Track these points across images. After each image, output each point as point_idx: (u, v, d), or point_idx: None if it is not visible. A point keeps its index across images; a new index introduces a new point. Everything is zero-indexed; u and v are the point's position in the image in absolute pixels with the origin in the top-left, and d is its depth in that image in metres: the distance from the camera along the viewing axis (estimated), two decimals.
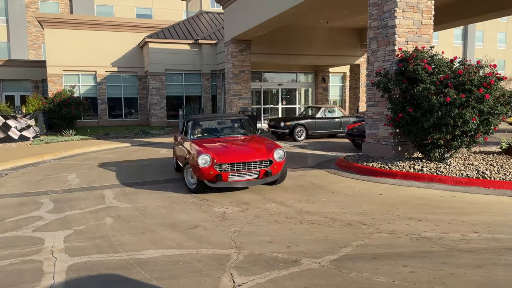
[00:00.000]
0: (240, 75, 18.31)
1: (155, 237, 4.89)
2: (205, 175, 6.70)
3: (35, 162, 11.42)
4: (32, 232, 5.19)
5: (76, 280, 3.75)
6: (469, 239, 4.59)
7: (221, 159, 6.70)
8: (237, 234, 4.91)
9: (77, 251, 4.46)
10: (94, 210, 6.20)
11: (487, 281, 3.53)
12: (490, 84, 7.48)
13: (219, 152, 6.87)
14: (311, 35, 19.72)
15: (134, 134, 18.47)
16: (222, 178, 6.72)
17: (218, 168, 6.68)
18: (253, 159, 6.83)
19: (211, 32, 24.63)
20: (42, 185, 8.21)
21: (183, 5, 35.42)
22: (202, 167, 6.63)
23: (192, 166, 6.94)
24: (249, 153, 6.97)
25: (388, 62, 8.99)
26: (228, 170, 6.73)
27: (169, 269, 3.92)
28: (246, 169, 6.84)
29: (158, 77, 23.61)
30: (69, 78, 24.31)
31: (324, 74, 23.78)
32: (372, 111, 9.69)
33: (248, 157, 6.84)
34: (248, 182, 6.88)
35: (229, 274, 3.77)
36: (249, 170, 6.85)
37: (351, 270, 3.81)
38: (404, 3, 8.80)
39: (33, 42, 33.48)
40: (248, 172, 6.86)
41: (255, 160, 6.84)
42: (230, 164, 6.73)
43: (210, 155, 6.68)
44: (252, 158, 6.84)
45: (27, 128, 16.62)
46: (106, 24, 24.52)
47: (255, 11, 15.31)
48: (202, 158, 6.64)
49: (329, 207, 6.04)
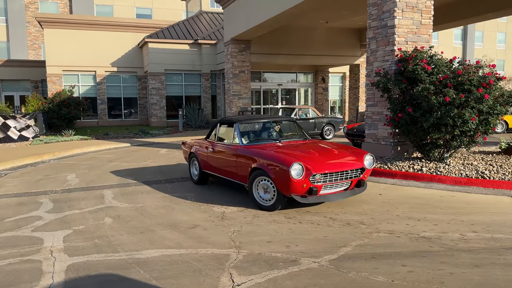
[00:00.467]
0: (240, 75, 18.32)
1: (155, 237, 4.89)
2: (297, 188, 5.49)
3: (34, 162, 11.41)
4: (31, 232, 5.19)
5: (75, 280, 3.75)
6: (468, 238, 4.60)
7: (316, 168, 5.56)
8: (236, 234, 4.92)
9: (76, 251, 4.46)
10: (94, 210, 6.20)
11: (485, 281, 3.54)
12: (489, 84, 7.49)
13: (312, 161, 5.70)
14: (310, 35, 19.73)
15: (133, 134, 18.47)
16: (316, 192, 5.62)
17: (311, 179, 5.56)
18: (347, 167, 5.86)
19: (211, 32, 24.64)
20: (41, 185, 8.21)
21: (183, 5, 35.43)
22: (296, 179, 5.39)
23: (276, 178, 5.59)
24: (343, 161, 5.96)
25: (388, 62, 9.00)
26: (321, 182, 5.65)
27: (168, 269, 3.92)
28: (339, 180, 5.82)
29: (158, 77, 23.61)
30: (68, 78, 24.30)
31: (324, 74, 23.79)
32: (372, 111, 9.70)
33: (342, 166, 5.84)
34: (339, 195, 5.88)
35: (229, 274, 3.77)
36: (341, 181, 5.85)
37: (350, 270, 3.81)
38: (404, 3, 8.81)
39: (33, 42, 33.47)
40: (340, 183, 5.86)
41: (350, 169, 5.88)
42: (324, 174, 5.65)
43: (302, 164, 5.48)
44: (346, 167, 5.85)
45: (26, 128, 16.62)
46: (106, 24, 24.52)
47: (254, 11, 15.31)
48: (295, 168, 5.38)
49: (328, 207, 6.04)
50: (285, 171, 5.44)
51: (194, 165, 8.00)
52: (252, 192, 6.05)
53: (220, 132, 7.44)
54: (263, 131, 7.51)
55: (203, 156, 7.55)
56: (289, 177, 5.40)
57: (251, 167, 6.04)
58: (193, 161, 8.06)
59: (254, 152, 6.18)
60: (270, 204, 5.86)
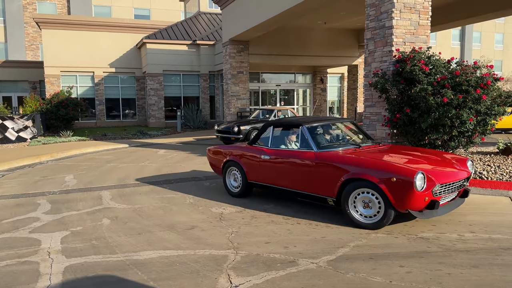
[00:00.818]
0: (238, 75, 18.32)
1: (152, 238, 4.88)
2: (417, 202, 4.81)
3: (32, 163, 11.39)
4: (29, 233, 5.17)
5: (73, 281, 3.74)
6: (466, 239, 4.60)
7: (437, 178, 4.92)
8: (234, 235, 4.91)
9: (74, 252, 4.45)
10: (91, 211, 6.19)
11: (483, 281, 3.54)
12: (487, 85, 7.50)
13: (430, 170, 5.06)
14: (309, 36, 19.75)
15: (132, 135, 18.45)
16: (438, 205, 4.93)
17: (433, 191, 4.91)
18: (461, 176, 5.28)
19: (209, 33, 24.64)
20: (39, 186, 8.19)
21: (181, 6, 35.42)
22: (419, 191, 4.70)
23: (390, 191, 4.78)
24: (454, 169, 5.35)
25: (386, 62, 9.01)
26: (439, 194, 5.02)
27: (166, 270, 3.91)
28: (451, 191, 5.23)
29: (156, 78, 23.59)
30: (66, 79, 24.27)
31: (322, 75, 23.82)
32: (370, 112, 9.70)
33: (456, 175, 5.25)
34: (447, 207, 5.25)
35: (226, 275, 3.76)
36: (453, 192, 5.29)
37: (348, 271, 3.81)
38: (401, 4, 8.82)
39: (31, 43, 33.42)
40: (451, 194, 5.29)
41: (463, 178, 5.32)
42: (444, 185, 5.04)
43: (425, 174, 4.81)
44: (460, 176, 5.28)
45: (24, 129, 16.58)
46: (104, 25, 24.50)
47: (252, 12, 15.32)
48: (420, 178, 4.69)
49: (326, 207, 6.04)
50: (407, 183, 4.66)
51: (233, 176, 6.94)
52: (347, 208, 5.14)
53: (275, 136, 6.45)
54: (330, 134, 6.56)
55: (252, 165, 6.50)
56: (412, 189, 4.64)
57: (344, 179, 5.12)
58: (230, 170, 6.97)
59: (346, 160, 5.28)
60: (374, 221, 4.97)
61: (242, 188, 6.74)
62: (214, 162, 7.43)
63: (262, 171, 6.35)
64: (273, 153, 6.23)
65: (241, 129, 13.54)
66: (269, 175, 6.24)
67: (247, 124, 13.82)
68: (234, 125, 13.74)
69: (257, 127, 13.69)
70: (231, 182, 7.01)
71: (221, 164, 7.14)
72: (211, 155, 7.53)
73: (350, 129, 6.85)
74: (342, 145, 6.07)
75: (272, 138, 6.44)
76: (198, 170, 9.52)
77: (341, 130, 6.76)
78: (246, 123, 13.91)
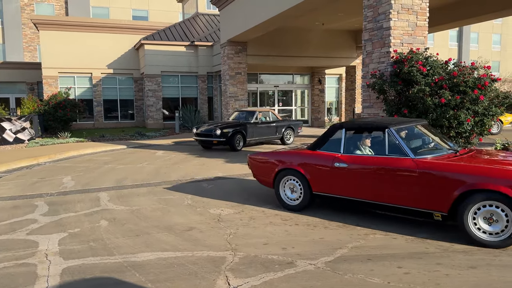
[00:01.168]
0: (236, 76, 18.32)
1: (150, 239, 4.87)
2: None
3: (30, 164, 11.36)
4: (26, 235, 5.15)
5: (70, 283, 3.73)
6: (463, 240, 4.61)
7: None
8: (232, 236, 4.91)
9: (71, 254, 4.44)
10: (89, 213, 6.18)
11: (481, 282, 3.54)
12: (485, 86, 7.53)
13: None
14: (307, 37, 19.77)
15: (130, 136, 18.42)
16: None
17: None
18: None
19: (207, 34, 24.64)
20: (37, 187, 8.17)
21: (179, 7, 35.40)
22: None
23: None
24: None
25: (383, 63, 9.02)
26: None
27: (164, 272, 3.91)
28: None
29: (154, 79, 23.57)
30: (64, 80, 24.22)
31: (320, 76, 23.84)
32: (368, 113, 9.72)
33: None
34: None
35: (224, 277, 3.76)
36: None
37: (346, 272, 3.81)
38: (399, 5, 8.84)
39: (28, 44, 33.36)
40: None
41: None
42: None
43: None
44: None
45: (22, 131, 16.54)
46: (102, 26, 24.47)
47: (250, 13, 15.33)
48: None
49: (324, 209, 6.04)
50: None
51: (290, 186, 6.09)
52: (465, 225, 4.47)
53: (347, 141, 5.66)
54: (417, 137, 5.80)
55: (320, 174, 5.71)
56: None
57: (461, 191, 4.45)
58: (286, 180, 6.12)
59: (459, 168, 4.59)
60: (502, 238, 4.35)
61: (303, 200, 5.92)
62: (261, 171, 6.55)
63: (334, 181, 5.56)
64: (350, 160, 5.44)
65: (224, 131, 12.83)
66: (345, 186, 5.45)
67: (230, 127, 13.09)
68: (216, 128, 12.96)
69: (238, 129, 13.17)
70: (287, 193, 6.13)
71: (273, 174, 6.24)
72: (257, 164, 6.65)
73: (430, 131, 5.92)
74: (437, 150, 5.31)
75: (345, 143, 5.63)
76: (196, 172, 9.52)
77: (423, 132, 5.83)
78: (228, 126, 13.17)
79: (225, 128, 12.99)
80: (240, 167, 9.89)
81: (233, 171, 9.46)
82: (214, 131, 12.91)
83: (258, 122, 14.00)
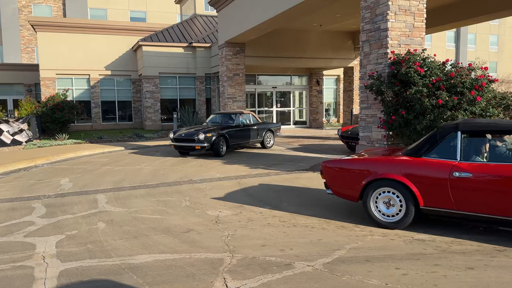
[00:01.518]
0: (235, 78, 18.32)
1: (148, 241, 4.86)
2: None
3: (27, 166, 11.33)
4: (24, 238, 5.14)
5: (68, 286, 3.71)
6: (461, 241, 4.61)
7: None
8: (230, 238, 4.90)
9: (69, 256, 4.42)
10: (87, 215, 6.16)
11: (479, 283, 3.55)
12: (482, 87, 7.55)
13: None
14: (305, 38, 19.80)
15: (128, 137, 18.39)
16: None
17: None
18: None
19: (205, 35, 24.64)
20: (34, 189, 8.14)
21: (177, 8, 35.42)
22: None
23: None
24: None
25: (381, 65, 9.04)
26: None
27: (161, 274, 3.90)
28: None
29: (152, 80, 23.55)
30: (62, 82, 24.19)
31: (318, 77, 23.87)
32: (366, 114, 9.73)
33: None
34: None
35: (222, 279, 3.75)
36: None
37: (344, 273, 3.81)
38: (396, 6, 8.86)
39: (26, 46, 33.29)
40: None
41: None
42: None
43: None
44: None
45: (19, 132, 16.49)
46: (100, 28, 24.45)
47: (248, 14, 15.34)
48: None
49: (322, 210, 6.04)
50: None
51: (384, 200, 5.17)
52: None
53: (465, 145, 4.84)
54: None
55: (432, 186, 4.82)
56: None
57: None
58: (378, 193, 5.20)
59: None
60: None
61: (405, 216, 5.00)
62: (341, 182, 5.57)
63: (453, 195, 4.70)
64: (474, 169, 4.60)
65: (207, 136, 11.78)
66: (470, 200, 4.62)
67: (212, 131, 12.02)
68: (199, 132, 11.83)
69: (222, 133, 12.16)
70: (381, 208, 5.20)
71: (360, 185, 5.30)
72: (334, 173, 5.65)
73: None
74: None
75: (463, 148, 4.81)
76: (194, 174, 9.50)
77: None
78: (210, 130, 12.11)
79: (208, 132, 11.94)
80: (238, 169, 9.89)
81: (231, 172, 9.45)
82: (197, 135, 11.78)
83: (240, 125, 13.15)
